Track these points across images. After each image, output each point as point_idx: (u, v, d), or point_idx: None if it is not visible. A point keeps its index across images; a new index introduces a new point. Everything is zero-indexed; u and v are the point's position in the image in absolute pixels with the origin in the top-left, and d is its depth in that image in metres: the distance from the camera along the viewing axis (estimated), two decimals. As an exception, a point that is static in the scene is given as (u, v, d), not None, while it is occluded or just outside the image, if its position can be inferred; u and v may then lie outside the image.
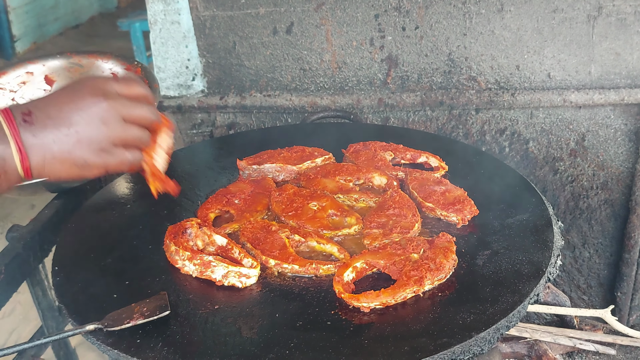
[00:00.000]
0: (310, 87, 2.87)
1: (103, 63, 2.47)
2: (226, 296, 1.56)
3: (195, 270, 1.63)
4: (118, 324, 1.44)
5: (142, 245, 1.79)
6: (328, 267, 1.62)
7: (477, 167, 2.12)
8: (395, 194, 1.91)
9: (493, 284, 1.55)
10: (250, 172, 2.12)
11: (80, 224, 1.92)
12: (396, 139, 2.27)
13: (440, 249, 1.61)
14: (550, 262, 1.62)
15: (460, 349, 1.36)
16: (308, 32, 2.77)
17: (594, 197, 2.92)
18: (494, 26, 2.66)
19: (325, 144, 2.26)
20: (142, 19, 6.89)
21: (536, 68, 2.71)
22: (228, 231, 1.81)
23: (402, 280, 1.52)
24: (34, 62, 2.48)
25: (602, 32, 2.60)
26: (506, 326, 1.45)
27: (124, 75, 1.37)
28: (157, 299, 1.52)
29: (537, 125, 2.81)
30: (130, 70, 2.42)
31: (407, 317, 1.46)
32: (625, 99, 2.65)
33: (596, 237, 3.00)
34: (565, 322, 2.03)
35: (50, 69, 2.49)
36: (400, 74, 2.80)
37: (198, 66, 2.91)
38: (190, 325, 1.46)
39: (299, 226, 1.80)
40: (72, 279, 1.66)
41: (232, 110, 2.94)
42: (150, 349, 1.39)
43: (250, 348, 1.38)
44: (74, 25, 10.78)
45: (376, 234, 1.73)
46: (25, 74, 2.47)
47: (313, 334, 1.42)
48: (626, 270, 2.97)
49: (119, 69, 2.46)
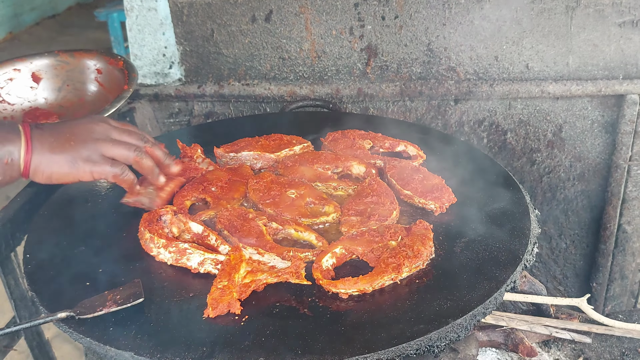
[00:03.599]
0: (289, 76, 2.85)
1: (88, 60, 2.50)
2: (202, 284, 1.54)
3: (171, 257, 1.60)
4: (90, 312, 1.41)
5: (116, 234, 1.76)
6: (306, 254, 1.61)
7: (455, 156, 2.12)
8: (373, 182, 1.90)
9: (470, 271, 1.55)
10: (228, 160, 2.10)
11: (52, 211, 1.89)
12: (375, 128, 2.26)
13: (417, 237, 1.61)
14: (527, 249, 1.63)
15: (437, 335, 1.36)
16: (287, 20, 2.74)
17: (570, 188, 2.94)
18: (473, 16, 2.66)
19: (304, 133, 2.24)
20: (120, 9, 6.81)
21: (515, 59, 2.72)
22: (204, 218, 1.78)
23: (379, 268, 1.52)
24: (22, 60, 2.52)
25: (580, 23, 2.61)
26: (482, 313, 1.45)
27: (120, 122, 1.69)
28: (131, 286, 1.49)
29: (515, 117, 2.83)
30: (113, 64, 2.46)
31: (384, 304, 1.45)
32: (602, 90, 2.67)
33: (572, 228, 3.03)
34: (542, 311, 2.04)
35: (38, 66, 2.52)
36: (380, 64, 2.79)
37: (175, 54, 2.87)
38: (164, 313, 1.44)
39: (277, 214, 1.78)
40: (44, 267, 1.62)
41: (210, 99, 2.91)
42: (124, 336, 1.36)
43: (225, 335, 1.36)
44: (51, 15, 10.63)
45: (354, 222, 1.72)
46: (13, 70, 2.47)
47: (290, 321, 1.41)
48: (602, 261, 3.00)
49: (103, 64, 2.49)
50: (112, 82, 2.44)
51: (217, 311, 1.41)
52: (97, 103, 2.47)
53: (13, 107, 2.45)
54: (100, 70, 2.50)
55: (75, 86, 2.53)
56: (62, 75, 2.53)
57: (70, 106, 2.52)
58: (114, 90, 2.37)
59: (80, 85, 2.53)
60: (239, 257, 1.51)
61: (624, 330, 1.97)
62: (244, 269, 1.48)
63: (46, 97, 2.51)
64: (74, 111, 2.49)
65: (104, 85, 2.48)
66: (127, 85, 2.26)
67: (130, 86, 2.26)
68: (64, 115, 2.45)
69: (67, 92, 2.53)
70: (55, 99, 2.51)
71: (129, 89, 2.24)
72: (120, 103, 2.15)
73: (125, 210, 1.87)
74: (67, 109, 2.51)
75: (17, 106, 2.46)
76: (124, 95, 2.19)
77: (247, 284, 1.46)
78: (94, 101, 2.50)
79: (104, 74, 2.50)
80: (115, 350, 1.33)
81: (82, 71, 2.53)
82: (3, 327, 1.44)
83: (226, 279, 1.45)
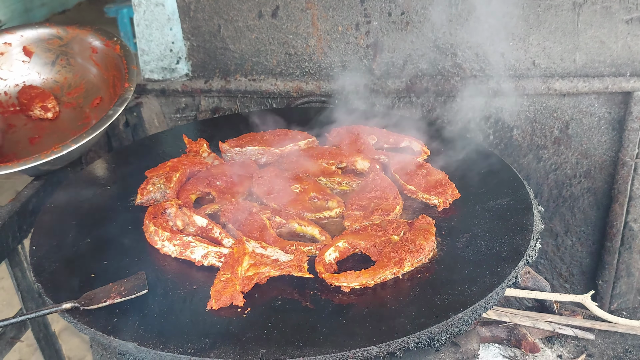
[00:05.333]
0: (295, 72, 2.86)
1: (82, 36, 2.46)
2: (205, 277, 1.55)
3: (175, 250, 1.62)
4: (95, 303, 1.43)
5: (122, 226, 1.78)
6: (309, 248, 1.61)
7: (460, 152, 2.12)
8: (377, 177, 1.90)
9: (472, 266, 1.55)
10: (233, 155, 2.11)
11: (59, 204, 1.91)
12: (379, 123, 2.27)
13: (420, 231, 1.61)
14: (530, 245, 1.63)
15: (438, 329, 1.36)
16: (294, 16, 2.75)
17: (577, 185, 2.93)
18: (480, 13, 2.65)
19: (309, 128, 2.25)
20: (129, 5, 6.82)
21: (521, 55, 2.71)
22: (208, 212, 1.80)
23: (382, 262, 1.52)
24: (12, 32, 2.47)
25: (587, 20, 2.60)
26: (484, 307, 1.45)
27: None
28: (135, 278, 1.51)
29: (521, 113, 2.82)
30: (109, 46, 2.41)
31: (386, 298, 1.46)
32: (609, 87, 2.66)
33: (579, 225, 3.02)
34: (545, 307, 2.03)
35: (29, 40, 2.48)
36: (386, 60, 2.79)
37: (182, 49, 2.88)
38: (168, 305, 1.45)
39: (281, 208, 1.79)
40: (49, 258, 1.64)
41: (216, 95, 2.92)
42: (127, 327, 1.38)
43: (227, 327, 1.37)
44: (61, 11, 10.67)
45: (357, 216, 1.73)
46: (3, 44, 2.44)
47: (291, 314, 1.42)
48: (608, 259, 2.99)
49: (98, 43, 2.45)
50: (109, 64, 2.41)
51: (220, 303, 1.42)
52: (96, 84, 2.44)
53: (6, 82, 2.43)
54: (96, 50, 2.46)
55: (69, 62, 2.50)
56: (54, 50, 2.50)
57: (65, 82, 2.49)
58: (112, 73, 2.35)
59: (74, 62, 2.50)
60: (243, 250, 1.52)
61: (628, 327, 1.97)
62: (247, 262, 1.49)
63: (39, 71, 2.49)
64: (71, 87, 2.48)
65: (100, 66, 2.46)
66: (128, 82, 2.24)
67: (131, 83, 2.24)
68: (58, 92, 2.44)
69: (60, 66, 2.51)
70: (49, 73, 2.49)
71: (129, 86, 2.22)
72: (122, 107, 2.14)
73: (130, 203, 1.89)
74: (62, 84, 2.49)
75: (10, 81, 2.44)
76: (125, 96, 2.18)
77: (250, 276, 1.48)
78: (91, 81, 2.48)
79: (99, 54, 2.46)
80: (119, 341, 1.35)
81: (76, 47, 2.50)
82: (9, 317, 1.46)
83: (229, 271, 1.47)
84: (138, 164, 2.09)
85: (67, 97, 2.45)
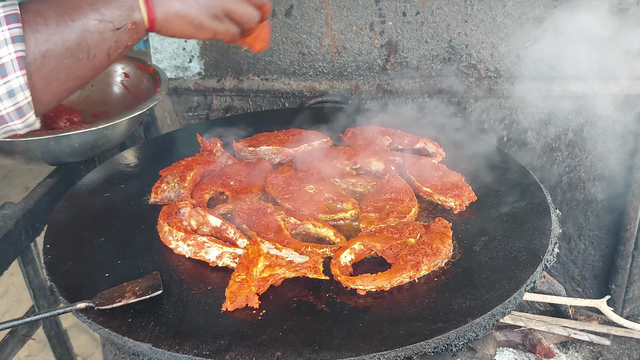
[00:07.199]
0: (309, 72, 2.84)
1: (116, 64, 2.57)
2: (220, 277, 1.54)
3: (189, 250, 1.61)
4: (109, 303, 1.42)
5: (135, 225, 1.77)
6: (324, 250, 1.60)
7: (475, 154, 2.10)
8: (392, 178, 1.89)
9: (489, 270, 1.53)
10: (247, 154, 2.10)
11: (73, 202, 1.90)
12: (394, 124, 2.25)
13: (436, 234, 1.60)
14: (548, 249, 1.61)
15: (455, 334, 1.35)
16: (308, 15, 2.73)
17: (590, 188, 2.91)
18: (496, 13, 2.63)
19: (323, 128, 2.24)
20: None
21: (536, 57, 2.69)
22: (222, 212, 1.79)
23: (398, 265, 1.51)
24: None
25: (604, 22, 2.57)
26: (502, 312, 1.43)
27: None
28: (150, 278, 1.50)
29: (536, 115, 2.79)
30: (142, 69, 2.52)
31: (402, 302, 1.44)
32: (625, 90, 2.64)
33: (592, 229, 2.99)
34: (560, 311, 2.02)
35: None
36: (400, 60, 2.77)
37: (195, 48, 2.87)
38: (182, 306, 1.44)
39: (295, 209, 1.78)
40: (63, 257, 1.63)
41: (229, 94, 2.91)
42: (142, 328, 1.37)
43: (243, 329, 1.36)
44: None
45: (372, 218, 1.71)
46: None
47: (307, 316, 1.40)
48: (621, 263, 2.96)
49: (131, 68, 2.57)
50: (139, 87, 2.49)
51: (235, 305, 1.41)
52: (121, 105, 2.50)
53: None
54: (128, 75, 2.55)
55: (100, 87, 2.56)
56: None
57: (92, 104, 2.54)
58: (140, 95, 2.41)
59: (104, 87, 2.57)
60: (257, 251, 1.51)
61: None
62: (262, 263, 1.48)
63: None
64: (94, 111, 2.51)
65: (130, 90, 2.53)
66: (160, 88, 2.32)
67: (162, 89, 2.31)
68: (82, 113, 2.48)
69: (90, 92, 2.56)
70: (77, 97, 2.53)
71: (161, 91, 2.29)
72: (153, 103, 2.20)
73: (145, 202, 1.89)
74: (87, 106, 2.53)
75: None
76: (156, 97, 2.24)
77: (265, 278, 1.46)
78: (116, 103, 2.54)
79: (131, 78, 2.54)
80: (133, 342, 1.34)
81: (109, 74, 2.57)
82: (23, 316, 1.45)
83: (244, 272, 1.45)
84: (151, 163, 2.09)
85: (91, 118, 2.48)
